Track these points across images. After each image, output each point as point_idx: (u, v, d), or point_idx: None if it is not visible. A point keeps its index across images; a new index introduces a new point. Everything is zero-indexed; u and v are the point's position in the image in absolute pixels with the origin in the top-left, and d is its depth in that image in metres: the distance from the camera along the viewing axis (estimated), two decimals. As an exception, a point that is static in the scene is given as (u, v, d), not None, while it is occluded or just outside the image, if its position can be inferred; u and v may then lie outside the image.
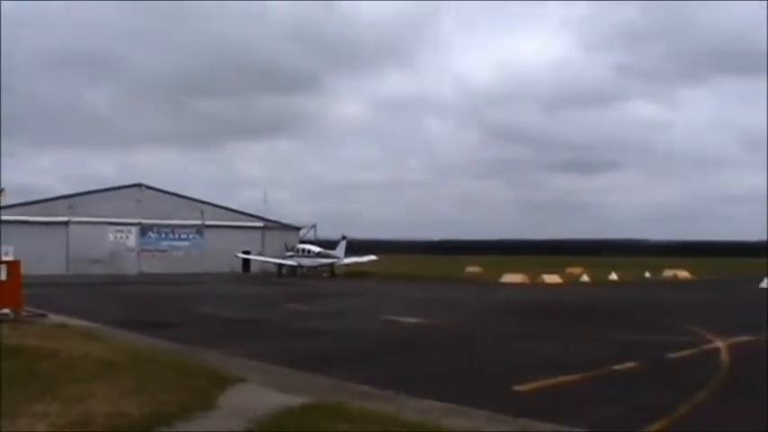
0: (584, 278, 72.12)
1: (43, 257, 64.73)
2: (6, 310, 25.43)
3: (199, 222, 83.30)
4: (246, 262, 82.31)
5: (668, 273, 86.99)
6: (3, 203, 30.80)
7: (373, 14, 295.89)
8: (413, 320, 29.13)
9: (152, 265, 77.87)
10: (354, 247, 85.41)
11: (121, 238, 79.80)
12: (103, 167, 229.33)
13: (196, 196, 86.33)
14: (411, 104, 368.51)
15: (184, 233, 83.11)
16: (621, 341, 23.21)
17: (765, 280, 62.17)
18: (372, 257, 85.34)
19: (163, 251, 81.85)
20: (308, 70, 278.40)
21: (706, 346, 21.58)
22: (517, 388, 14.57)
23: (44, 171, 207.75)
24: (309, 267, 76.28)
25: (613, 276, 74.60)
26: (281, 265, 77.91)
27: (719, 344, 21.93)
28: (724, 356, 19.68)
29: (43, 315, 27.64)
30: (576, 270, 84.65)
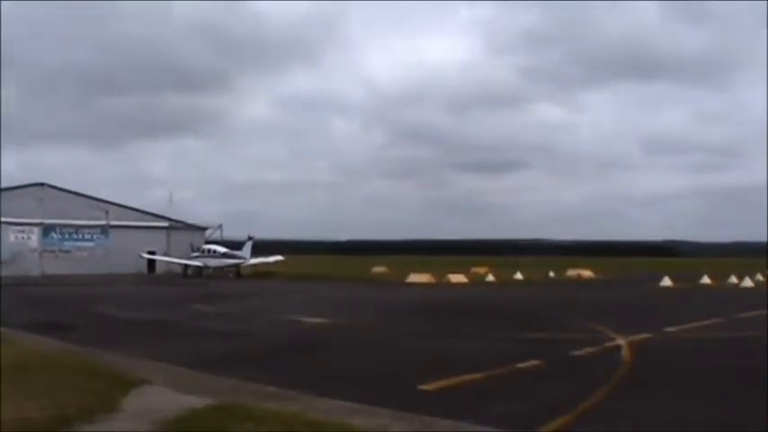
0: (490, 278, 72.94)
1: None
2: None
3: (103, 222, 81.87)
4: (152, 263, 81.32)
5: (572, 272, 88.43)
6: None
7: (280, 14, 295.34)
8: (318, 321, 29.11)
9: (55, 267, 75.97)
10: (261, 248, 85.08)
11: (23, 238, 77.96)
12: (4, 165, 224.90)
13: (101, 196, 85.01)
14: (319, 104, 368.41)
15: (88, 233, 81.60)
16: (526, 340, 23.57)
17: (665, 278, 63.75)
18: (279, 258, 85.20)
19: (66, 252, 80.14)
20: (215, 69, 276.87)
21: (608, 344, 21.98)
22: (422, 387, 14.65)
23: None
24: (215, 268, 75.80)
25: (518, 276, 75.62)
26: (186, 266, 77.38)
27: (621, 341, 22.38)
28: (625, 353, 20.09)
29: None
30: (481, 270, 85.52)
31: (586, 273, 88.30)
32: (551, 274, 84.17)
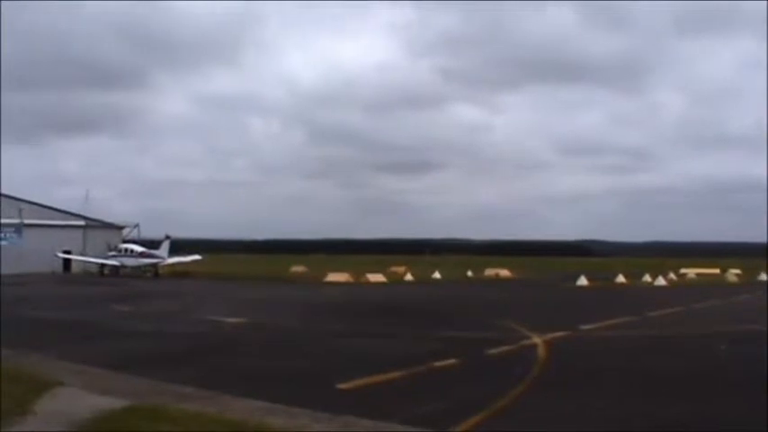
0: (409, 277, 73.19)
1: None
2: None
3: (17, 221, 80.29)
4: (67, 262, 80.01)
5: (490, 271, 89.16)
6: None
7: (198, 12, 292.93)
8: (236, 320, 28.99)
9: (-33, 267, 74.40)
10: (178, 247, 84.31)
11: (-67, 238, 76.32)
12: None
13: (14, 194, 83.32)
14: (237, 103, 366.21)
15: (1, 232, 79.99)
16: (443, 338, 23.75)
17: (581, 278, 64.66)
18: (197, 257, 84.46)
19: (-22, 251, 78.46)
20: (132, 66, 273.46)
21: (524, 342, 22.30)
22: (340, 386, 14.72)
23: None
24: (133, 267, 74.88)
25: (437, 275, 75.92)
26: (103, 265, 76.26)
27: (537, 340, 22.72)
28: (540, 352, 20.40)
29: None
30: (399, 269, 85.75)
31: (504, 272, 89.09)
32: (469, 273, 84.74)
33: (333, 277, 67.57)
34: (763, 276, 78.80)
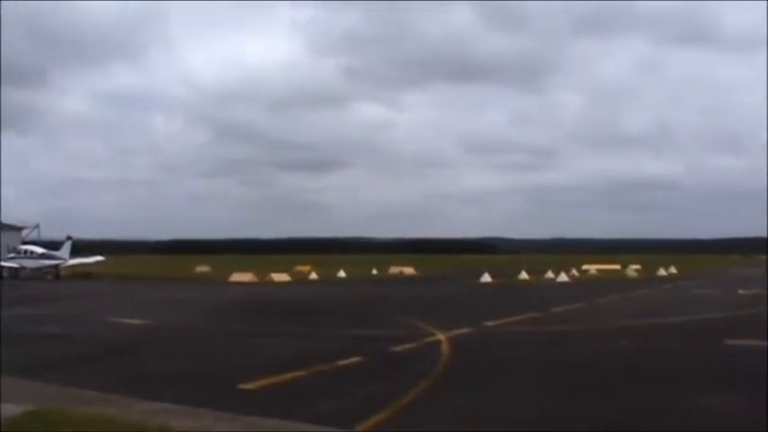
0: (313, 276, 73.29)
1: None
2: None
3: None
4: (-38, 265, 78.17)
5: (394, 269, 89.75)
6: None
7: (99, 11, 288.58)
8: (139, 322, 28.69)
9: None
10: (80, 248, 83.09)
11: None
12: None
13: None
14: (139, 102, 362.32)
15: None
16: (347, 337, 23.82)
17: (485, 275, 65.44)
18: (99, 258, 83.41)
19: None
20: (32, 64, 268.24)
21: (428, 339, 22.47)
22: (244, 386, 14.66)
23: None
24: (33, 269, 73.51)
25: (341, 274, 76.17)
26: (1, 268, 74.65)
27: (441, 336, 22.92)
28: (444, 348, 20.58)
29: None
30: (304, 268, 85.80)
31: (408, 270, 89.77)
32: (374, 271, 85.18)
33: (237, 277, 67.28)
34: (661, 272, 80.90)
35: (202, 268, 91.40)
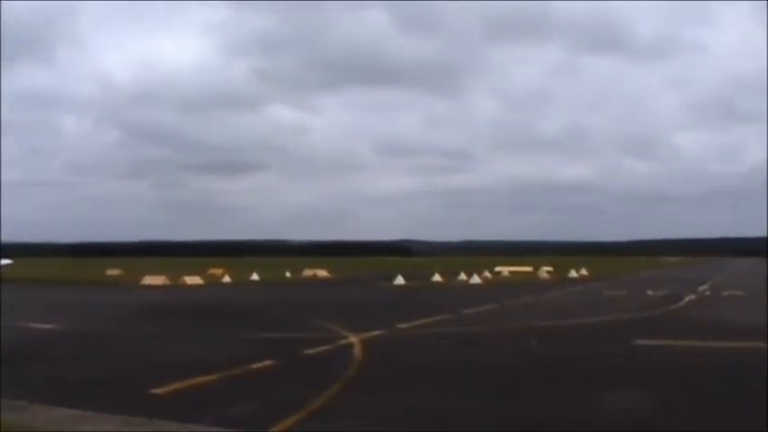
0: (227, 279, 72.86)
1: None
2: None
3: None
4: None
5: (308, 272, 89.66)
6: None
7: (10, 8, 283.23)
8: (48, 326, 28.18)
9: None
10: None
11: None
12: None
13: None
14: (50, 102, 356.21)
15: None
16: (260, 340, 23.73)
17: (399, 277, 65.74)
18: (8, 261, 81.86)
19: None
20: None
21: (341, 342, 22.51)
22: (155, 391, 14.51)
23: None
24: (-64, 273, 71.94)
25: (255, 277, 75.84)
26: None
27: (353, 339, 22.97)
28: (357, 351, 20.63)
29: None
30: (217, 271, 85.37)
31: (322, 272, 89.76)
32: (288, 274, 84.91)
33: (149, 280, 66.56)
34: (573, 273, 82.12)
35: (113, 271, 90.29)
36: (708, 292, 49.98)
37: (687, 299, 42.58)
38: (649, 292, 48.88)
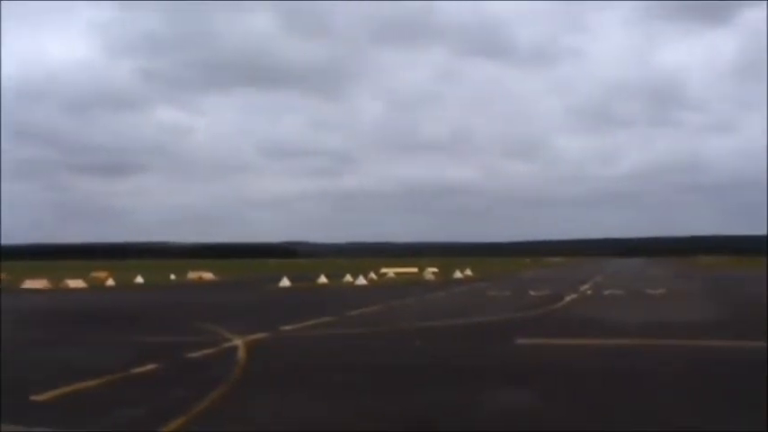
0: (110, 282, 71.88)
1: None
2: None
3: None
4: None
5: (193, 274, 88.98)
6: None
7: None
8: None
9: None
10: None
11: None
12: None
13: None
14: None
15: None
16: (143, 344, 23.50)
17: (284, 279, 65.75)
18: None
19: None
20: None
21: (225, 345, 22.47)
22: (35, 398, 14.31)
23: None
24: None
25: (139, 280, 75.01)
26: None
27: (238, 342, 22.95)
28: (241, 354, 20.62)
29: None
30: (101, 274, 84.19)
31: (208, 275, 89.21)
32: (172, 276, 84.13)
33: (30, 284, 65.38)
34: (458, 274, 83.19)
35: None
36: (589, 292, 51.20)
37: (569, 298, 43.57)
38: (532, 293, 49.79)
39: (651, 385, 15.43)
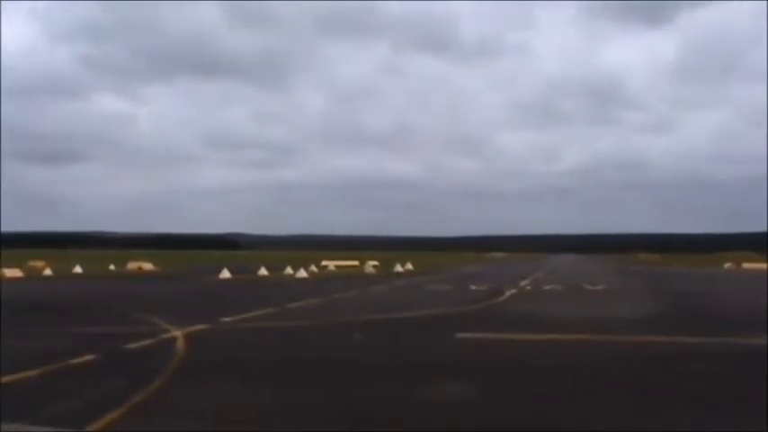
0: (48, 272, 71.19)
1: None
2: None
3: None
4: None
5: (133, 265, 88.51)
6: None
7: None
8: None
9: None
10: None
11: None
12: None
13: None
14: None
15: None
16: (81, 335, 23.30)
17: (224, 270, 65.63)
18: None
19: None
20: None
21: (164, 336, 22.39)
22: (-32, 389, 14.17)
23: None
24: None
25: (78, 270, 74.35)
26: None
27: (177, 333, 22.88)
28: (180, 345, 20.56)
29: None
30: (38, 264, 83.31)
31: (148, 266, 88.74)
32: (112, 267, 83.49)
33: (-38, 273, 64.52)
34: (398, 268, 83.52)
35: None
36: (529, 287, 51.68)
37: (509, 293, 43.97)
38: (473, 287, 50.21)
39: (583, 379, 15.67)
